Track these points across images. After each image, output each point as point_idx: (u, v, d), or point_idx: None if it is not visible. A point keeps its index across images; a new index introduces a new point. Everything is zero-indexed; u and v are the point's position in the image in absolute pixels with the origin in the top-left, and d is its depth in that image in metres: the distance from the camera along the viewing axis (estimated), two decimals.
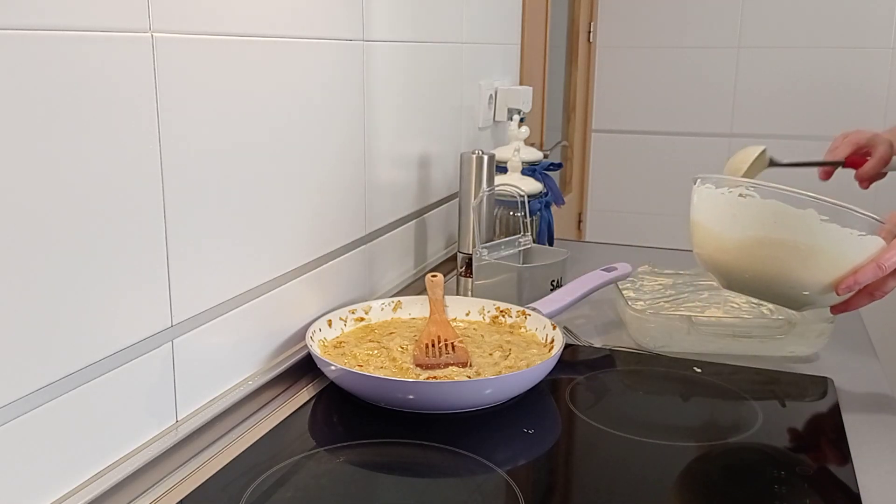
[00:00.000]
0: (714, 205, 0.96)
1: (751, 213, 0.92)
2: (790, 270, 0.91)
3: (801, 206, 0.88)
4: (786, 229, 0.89)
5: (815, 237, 0.88)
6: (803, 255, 0.89)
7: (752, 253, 0.92)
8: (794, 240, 0.89)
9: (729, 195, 0.94)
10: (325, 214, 1.06)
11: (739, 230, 0.93)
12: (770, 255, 0.91)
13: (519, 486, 0.77)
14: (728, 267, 0.96)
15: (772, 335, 1.09)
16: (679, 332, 1.10)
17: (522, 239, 1.32)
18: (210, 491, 0.75)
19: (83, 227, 0.67)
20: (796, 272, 0.90)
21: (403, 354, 1.01)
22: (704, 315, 1.13)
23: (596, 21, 2.76)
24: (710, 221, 0.96)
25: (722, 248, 0.95)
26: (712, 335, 1.09)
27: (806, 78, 2.58)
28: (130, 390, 0.75)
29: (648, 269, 1.34)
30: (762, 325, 1.10)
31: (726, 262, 0.96)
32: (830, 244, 0.88)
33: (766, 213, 0.90)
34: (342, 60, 1.07)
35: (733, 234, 0.93)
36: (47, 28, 0.62)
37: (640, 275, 1.31)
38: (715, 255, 0.97)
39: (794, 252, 0.89)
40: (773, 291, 0.95)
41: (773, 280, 0.93)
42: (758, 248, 0.92)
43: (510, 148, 1.45)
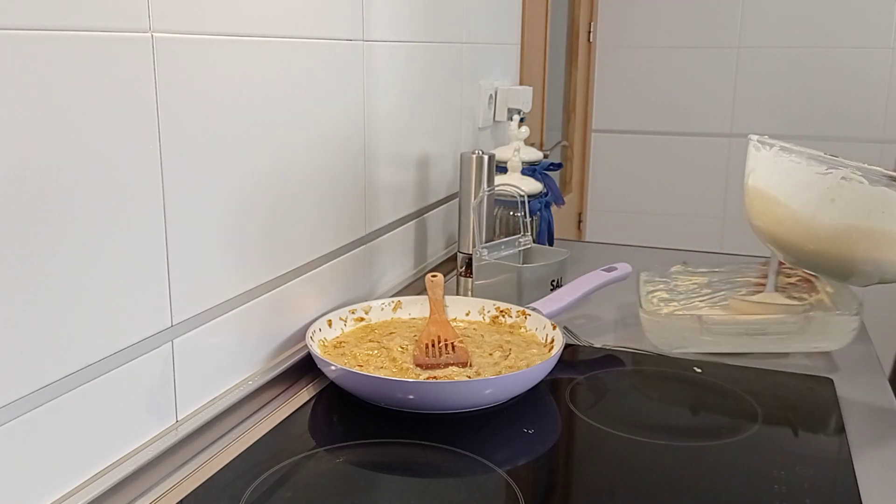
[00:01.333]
0: (803, 184, 0.88)
1: (855, 200, 0.85)
2: (881, 257, 0.87)
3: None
4: (888, 220, 0.84)
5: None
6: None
7: (845, 240, 0.87)
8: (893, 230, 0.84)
9: (829, 177, 0.86)
10: (325, 214, 1.06)
11: (838, 217, 0.86)
12: (867, 244, 0.86)
13: (519, 486, 0.77)
14: (806, 249, 0.90)
15: (788, 331, 1.04)
16: (692, 332, 1.06)
17: (522, 239, 1.32)
18: (210, 491, 0.75)
19: (83, 227, 0.67)
20: (888, 258, 0.86)
21: (403, 354, 1.01)
22: (715, 314, 1.08)
23: (596, 21, 2.76)
24: (796, 201, 0.89)
25: (807, 231, 0.88)
26: (726, 334, 1.05)
27: (806, 78, 2.58)
28: (130, 390, 0.75)
29: (681, 268, 1.29)
30: (777, 321, 1.04)
31: (805, 245, 0.90)
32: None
33: (876, 201, 0.84)
34: (342, 60, 1.07)
35: (827, 220, 0.87)
36: (47, 28, 0.62)
37: (673, 274, 1.26)
38: (792, 236, 0.90)
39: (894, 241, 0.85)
40: (848, 271, 0.91)
41: (856, 263, 0.89)
42: (855, 237, 0.86)
43: (510, 148, 1.45)
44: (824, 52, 2.55)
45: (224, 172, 0.85)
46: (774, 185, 0.90)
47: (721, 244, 2.68)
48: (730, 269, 1.27)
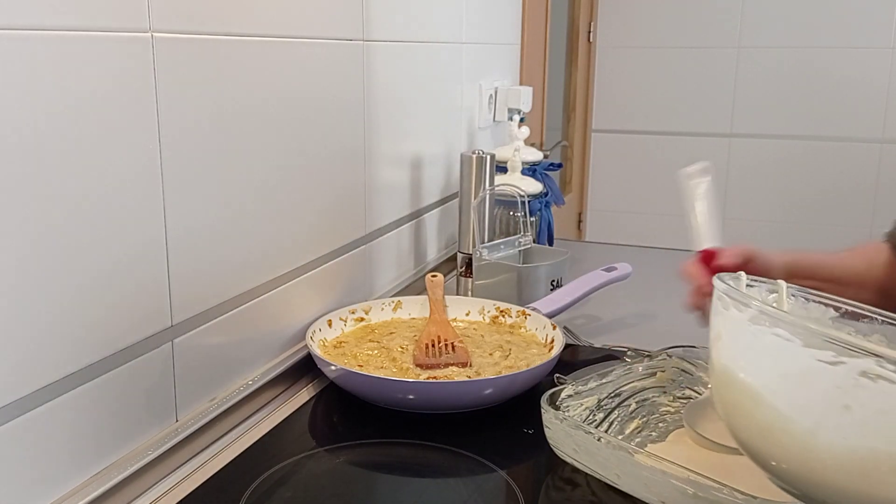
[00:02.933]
0: (798, 377, 0.57)
1: (883, 410, 0.53)
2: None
3: None
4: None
5: None
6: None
7: (867, 471, 0.55)
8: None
9: (839, 371, 0.54)
10: (325, 214, 1.06)
11: (854, 435, 0.54)
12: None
13: (519, 486, 0.77)
14: (806, 479, 0.59)
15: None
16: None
17: (522, 239, 1.32)
18: (210, 491, 0.75)
19: (83, 227, 0.67)
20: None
21: (403, 354, 1.01)
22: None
23: (596, 21, 2.76)
24: (786, 404, 0.58)
25: (806, 453, 0.57)
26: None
27: (806, 78, 2.58)
28: (130, 390, 0.75)
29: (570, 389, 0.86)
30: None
31: (804, 473, 0.58)
32: None
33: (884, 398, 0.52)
34: (342, 60, 1.07)
35: (837, 440, 0.55)
36: (47, 28, 0.62)
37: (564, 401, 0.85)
38: (785, 456, 0.59)
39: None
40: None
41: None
42: (885, 468, 0.54)
43: (510, 148, 1.45)
44: (824, 52, 2.55)
45: (224, 172, 0.85)
46: (752, 370, 0.59)
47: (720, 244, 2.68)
48: (626, 370, 0.90)
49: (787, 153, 2.60)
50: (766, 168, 2.64)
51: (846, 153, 2.56)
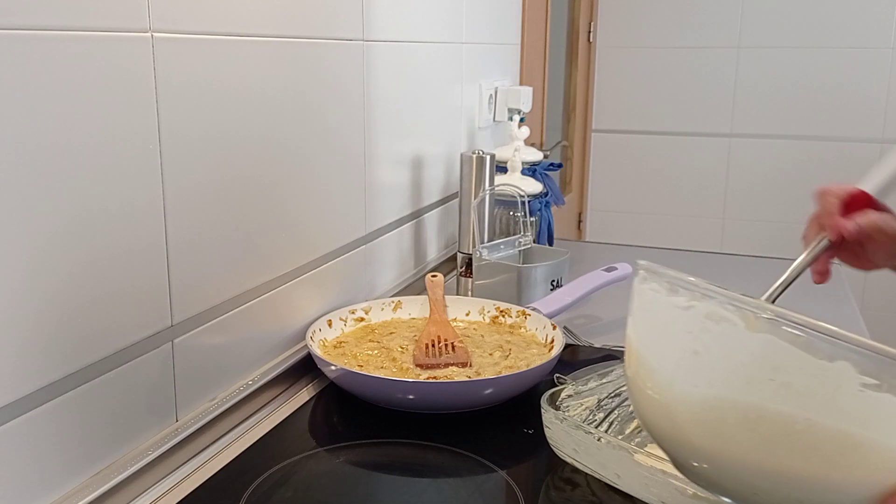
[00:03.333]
0: (661, 327, 0.57)
1: (728, 356, 0.53)
2: (777, 463, 0.52)
3: (826, 354, 0.49)
4: (792, 398, 0.50)
5: (847, 416, 0.50)
6: (821, 445, 0.51)
7: (717, 426, 0.54)
8: (808, 419, 0.50)
9: (689, 315, 0.54)
10: (325, 214, 1.06)
11: (704, 383, 0.54)
12: (750, 436, 0.52)
13: (519, 486, 0.77)
14: (669, 437, 0.58)
15: None
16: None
17: (522, 239, 1.32)
18: (210, 491, 0.75)
19: (83, 227, 0.67)
20: (790, 465, 0.52)
21: (403, 354, 1.01)
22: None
23: (596, 21, 2.76)
24: (655, 356, 0.57)
25: (664, 406, 0.56)
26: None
27: (806, 78, 2.58)
28: (130, 390, 0.75)
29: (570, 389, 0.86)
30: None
31: (666, 430, 0.58)
32: (878, 430, 0.50)
33: (759, 359, 0.51)
34: (342, 60, 1.07)
35: (689, 388, 0.55)
36: (47, 28, 0.62)
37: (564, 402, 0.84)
38: (651, 414, 0.59)
39: (805, 438, 0.51)
40: (728, 480, 0.56)
41: (737, 469, 0.54)
42: (732, 420, 0.53)
43: (510, 148, 1.45)
44: (824, 52, 2.55)
45: (224, 173, 0.85)
46: (633, 327, 0.59)
47: (721, 244, 2.68)
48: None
49: (787, 153, 2.60)
50: (766, 168, 2.64)
51: (846, 153, 2.56)
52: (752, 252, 1.62)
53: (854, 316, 1.28)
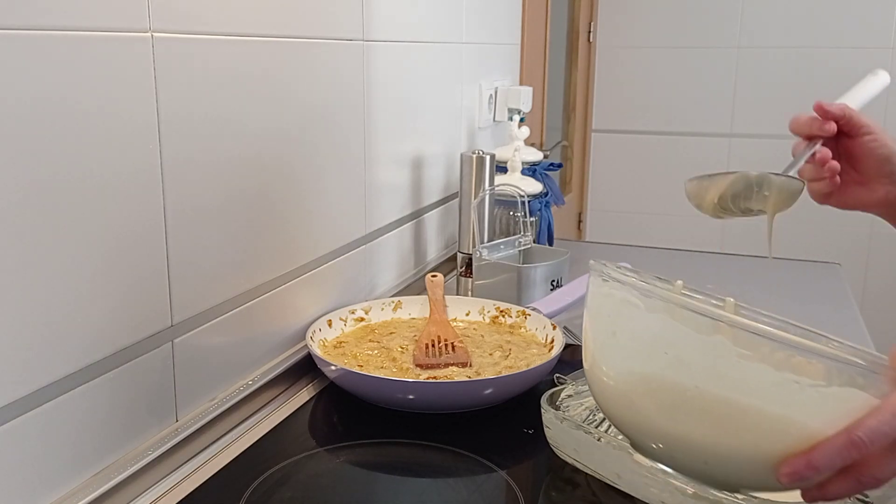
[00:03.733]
0: (596, 309, 0.65)
1: (634, 334, 0.62)
2: (675, 429, 0.61)
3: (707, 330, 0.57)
4: (682, 368, 0.58)
5: (728, 383, 0.57)
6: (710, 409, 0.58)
7: (630, 399, 0.63)
8: (696, 386, 0.58)
9: (604, 291, 0.63)
10: (325, 214, 1.06)
11: (619, 357, 0.64)
12: (654, 403, 0.61)
13: (519, 486, 0.77)
14: (609, 412, 0.68)
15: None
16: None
17: (522, 239, 1.32)
18: (210, 491, 0.75)
19: (83, 227, 0.67)
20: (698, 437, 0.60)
21: (403, 354, 1.01)
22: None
23: (596, 21, 2.76)
24: (589, 338, 0.67)
25: (596, 383, 0.66)
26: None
27: (806, 78, 2.58)
28: (130, 390, 0.75)
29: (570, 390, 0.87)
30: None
31: (606, 405, 0.67)
32: (758, 397, 0.56)
33: (654, 335, 0.60)
34: (342, 60, 1.07)
35: (613, 362, 0.64)
36: (47, 28, 0.62)
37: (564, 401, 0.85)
38: (595, 386, 0.68)
39: (696, 403, 0.58)
40: (645, 448, 0.66)
41: (646, 436, 0.64)
42: (641, 390, 0.62)
43: (510, 148, 1.45)
44: (824, 52, 2.55)
45: (224, 172, 0.85)
46: (588, 316, 0.67)
47: (721, 244, 2.68)
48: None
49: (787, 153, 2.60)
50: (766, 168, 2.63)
51: None
52: (752, 252, 1.62)
53: (854, 315, 1.27)
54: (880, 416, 0.54)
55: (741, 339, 0.56)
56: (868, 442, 0.53)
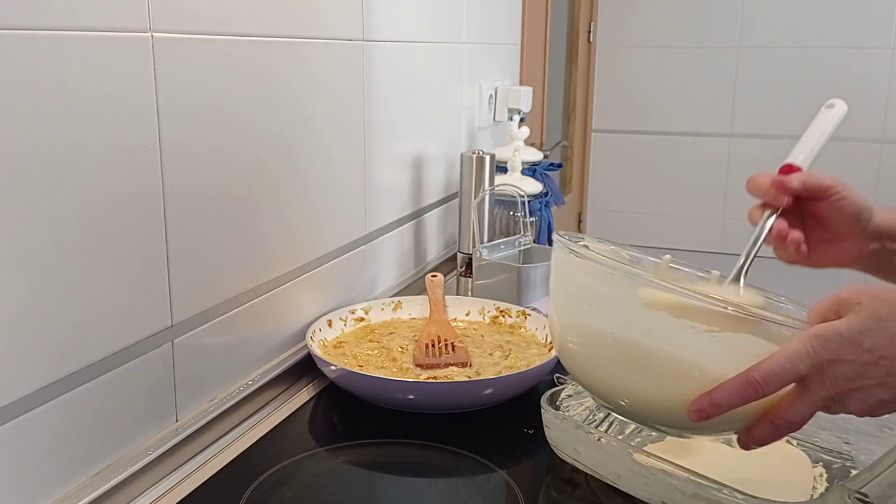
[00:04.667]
0: (553, 273, 0.73)
1: (568, 290, 0.71)
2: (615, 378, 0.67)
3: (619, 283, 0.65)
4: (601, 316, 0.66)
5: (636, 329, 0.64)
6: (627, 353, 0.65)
7: (567, 348, 0.71)
8: (613, 332, 0.65)
9: (557, 262, 0.72)
10: (325, 214, 1.06)
11: (562, 314, 0.72)
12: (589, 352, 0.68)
13: (519, 486, 0.77)
14: (563, 361, 0.74)
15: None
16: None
17: (522, 239, 1.32)
18: (210, 491, 0.75)
19: (83, 227, 0.67)
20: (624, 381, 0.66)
21: (403, 354, 1.01)
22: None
23: (596, 21, 2.76)
24: (551, 303, 0.74)
25: (553, 333, 0.75)
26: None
27: (806, 78, 2.58)
28: (130, 390, 0.75)
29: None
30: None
31: (561, 354, 0.74)
32: (661, 340, 0.63)
33: (582, 290, 0.68)
34: (342, 60, 1.07)
35: (554, 321, 0.73)
36: (47, 28, 0.62)
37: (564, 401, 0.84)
38: (554, 339, 0.76)
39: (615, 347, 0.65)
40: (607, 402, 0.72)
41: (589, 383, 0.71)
42: (575, 341, 0.70)
43: (510, 148, 1.45)
44: (824, 52, 2.55)
45: (224, 173, 0.85)
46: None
47: (721, 244, 2.68)
48: None
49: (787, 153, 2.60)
50: (766, 168, 2.62)
51: (846, 153, 2.56)
52: None
53: None
54: (775, 359, 0.58)
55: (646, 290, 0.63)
56: (762, 382, 0.58)
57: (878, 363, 0.57)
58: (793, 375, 0.58)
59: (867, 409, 0.59)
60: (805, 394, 0.59)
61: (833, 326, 0.59)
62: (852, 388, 0.58)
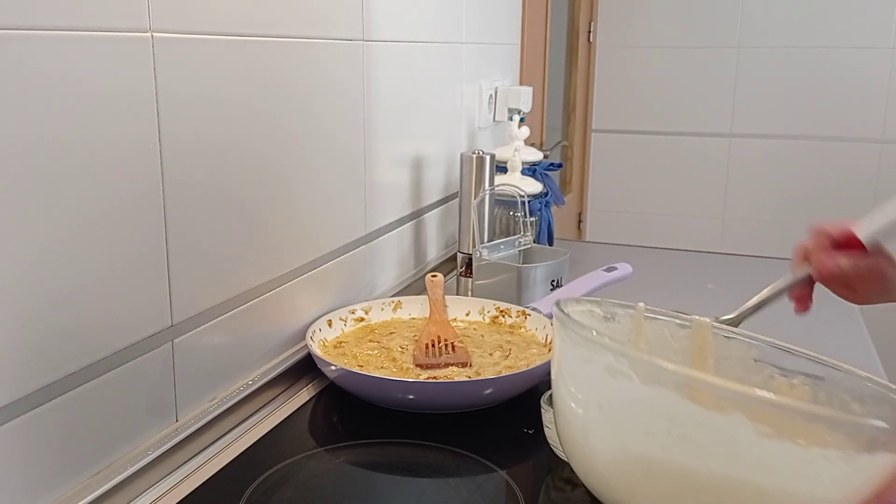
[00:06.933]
0: (570, 375, 0.57)
1: (624, 409, 0.52)
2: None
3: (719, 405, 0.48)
4: (691, 449, 0.49)
5: (746, 465, 0.48)
6: (725, 496, 0.50)
7: (626, 480, 0.54)
8: (709, 470, 0.49)
9: (590, 366, 0.54)
10: (325, 214, 1.06)
11: (610, 435, 0.54)
12: (664, 490, 0.52)
13: (519, 486, 0.77)
14: (594, 487, 0.59)
15: None
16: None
17: (522, 239, 1.32)
18: (210, 491, 0.75)
19: (83, 227, 0.67)
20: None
21: (403, 354, 1.01)
22: None
23: (596, 21, 2.76)
24: (567, 406, 0.58)
25: (584, 459, 0.58)
26: None
27: (806, 78, 2.58)
28: (130, 390, 0.75)
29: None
30: None
31: (590, 480, 0.59)
32: (779, 476, 0.48)
33: (653, 411, 0.50)
34: (342, 60, 1.07)
35: (599, 439, 0.55)
36: (47, 28, 0.62)
37: None
38: (579, 466, 0.59)
39: (709, 489, 0.50)
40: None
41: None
42: (639, 475, 0.53)
43: (510, 148, 1.45)
44: (824, 52, 2.55)
45: (224, 173, 0.85)
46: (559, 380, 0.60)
47: (721, 244, 2.68)
48: None
49: (787, 153, 2.60)
50: (766, 168, 2.64)
51: (846, 153, 2.56)
52: (751, 252, 1.62)
53: (855, 317, 1.27)
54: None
55: (760, 414, 0.48)
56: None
57: None
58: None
59: None
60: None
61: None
62: None
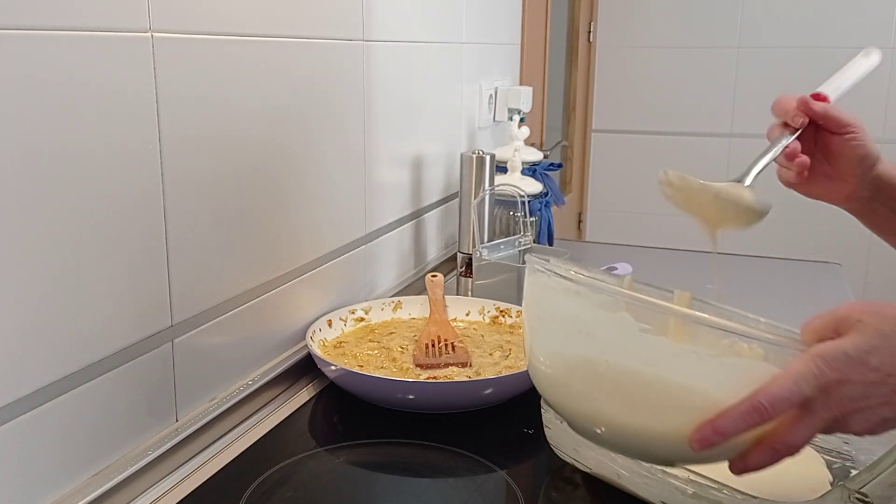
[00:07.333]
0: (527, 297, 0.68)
1: (553, 317, 0.64)
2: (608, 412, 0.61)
3: (613, 308, 0.59)
4: (593, 344, 0.60)
5: (633, 356, 0.59)
6: (621, 384, 0.59)
7: (557, 380, 0.64)
8: (606, 361, 0.60)
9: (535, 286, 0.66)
10: (326, 214, 1.06)
11: (544, 343, 0.65)
12: (580, 383, 0.62)
13: (519, 486, 0.77)
14: (546, 396, 0.68)
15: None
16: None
17: (522, 239, 1.32)
18: (210, 491, 0.75)
19: (83, 227, 0.67)
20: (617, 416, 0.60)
21: (403, 354, 1.01)
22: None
23: (596, 21, 2.76)
24: (526, 328, 0.68)
25: (533, 367, 0.67)
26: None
27: (806, 78, 2.57)
28: (130, 390, 0.75)
29: None
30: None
31: (543, 390, 0.67)
32: (660, 367, 0.58)
33: (570, 317, 0.62)
34: (342, 60, 1.07)
35: (537, 350, 0.66)
36: (47, 28, 0.62)
37: None
38: (532, 373, 0.68)
39: (608, 378, 0.60)
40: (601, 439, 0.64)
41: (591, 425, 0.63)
42: (562, 372, 0.64)
43: (510, 148, 1.45)
44: (824, 52, 2.55)
45: (224, 173, 0.85)
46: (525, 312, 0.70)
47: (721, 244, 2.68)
48: None
49: None
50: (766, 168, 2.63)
51: None
52: (751, 252, 1.62)
53: None
54: (781, 382, 0.55)
55: (643, 314, 0.59)
56: (769, 407, 0.55)
57: (885, 382, 0.55)
58: (798, 398, 0.55)
59: (870, 428, 0.58)
60: (808, 416, 0.56)
61: (838, 346, 0.56)
62: (857, 409, 0.56)
